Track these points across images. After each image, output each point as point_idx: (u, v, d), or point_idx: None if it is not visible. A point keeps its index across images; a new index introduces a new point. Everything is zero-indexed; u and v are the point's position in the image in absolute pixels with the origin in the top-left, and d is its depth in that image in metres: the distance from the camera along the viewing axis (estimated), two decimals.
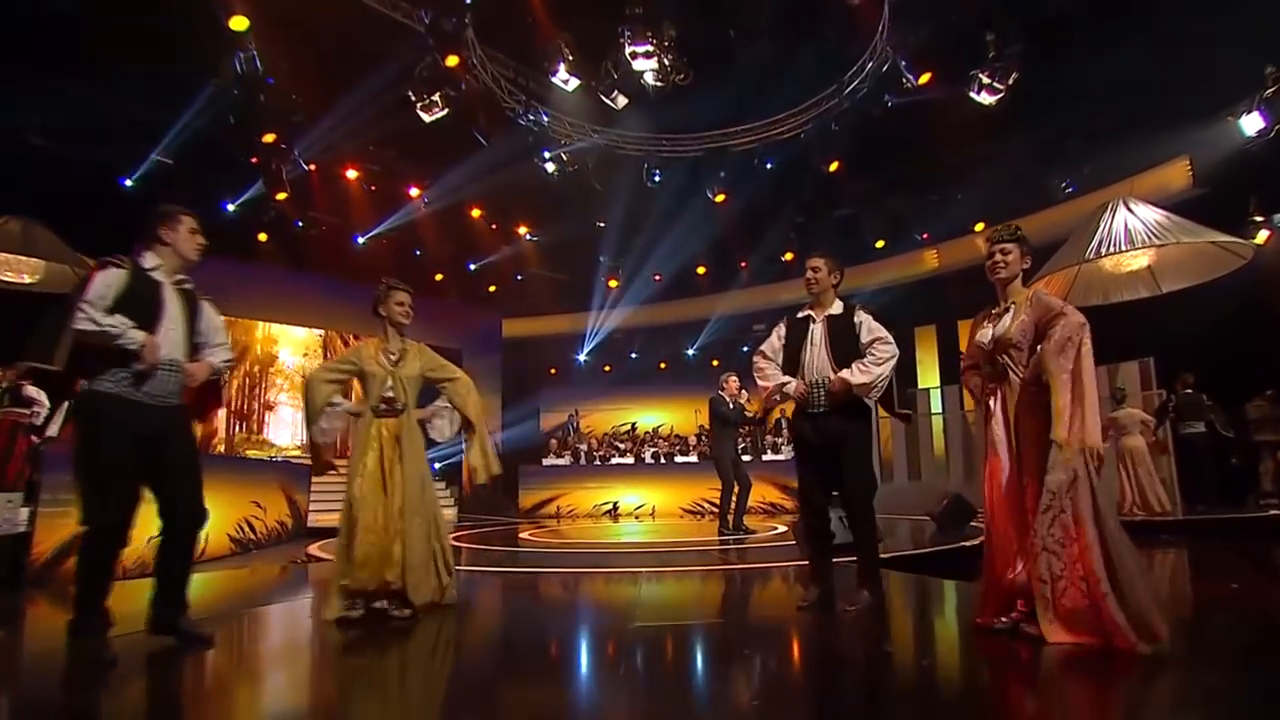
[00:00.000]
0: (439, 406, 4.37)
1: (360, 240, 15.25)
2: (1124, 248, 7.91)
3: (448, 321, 16.84)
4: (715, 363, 18.99)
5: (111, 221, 11.18)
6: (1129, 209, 8.00)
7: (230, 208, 12.92)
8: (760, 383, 3.80)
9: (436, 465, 16.89)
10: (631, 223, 14.97)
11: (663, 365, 19.41)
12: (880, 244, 15.23)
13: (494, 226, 15.86)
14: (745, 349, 18.08)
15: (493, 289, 17.80)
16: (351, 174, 13.35)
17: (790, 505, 13.36)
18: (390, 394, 4.13)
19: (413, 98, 11.40)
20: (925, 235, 14.93)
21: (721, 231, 15.13)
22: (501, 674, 3.11)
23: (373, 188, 13.80)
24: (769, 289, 16.34)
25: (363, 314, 14.48)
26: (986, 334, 3.11)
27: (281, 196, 11.76)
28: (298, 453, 16.36)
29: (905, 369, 16.91)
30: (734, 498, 8.42)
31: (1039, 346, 3.01)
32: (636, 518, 13.78)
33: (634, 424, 17.81)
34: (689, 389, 17.76)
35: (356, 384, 4.34)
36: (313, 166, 12.48)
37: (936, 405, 15.32)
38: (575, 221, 15.50)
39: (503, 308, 18.03)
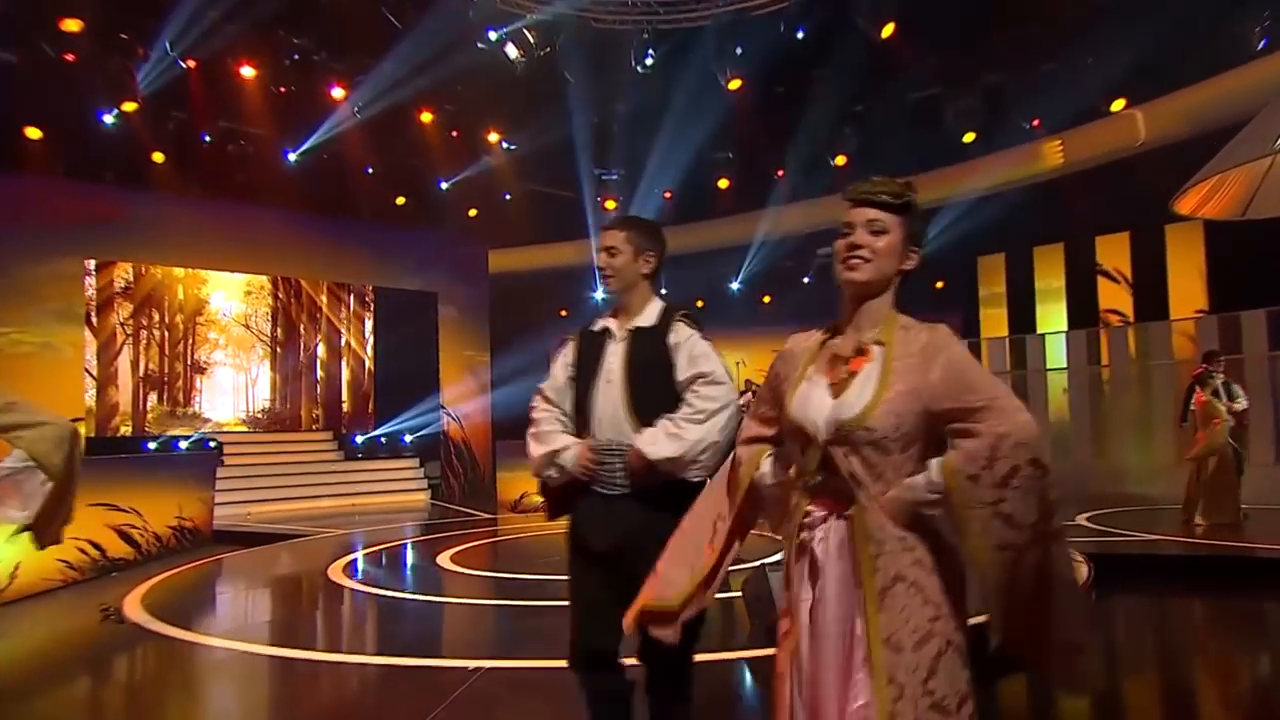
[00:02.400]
0: (13, 467, 3.08)
1: (292, 157, 13.88)
2: None
3: (417, 256, 15.65)
4: (767, 299, 17.49)
5: None
6: None
7: (108, 119, 11.65)
8: (530, 447, 2.77)
9: (407, 438, 15.79)
10: (633, 122, 13.14)
11: (700, 303, 17.82)
12: (969, 137, 13.04)
13: (454, 134, 14.20)
14: (807, 279, 16.38)
15: (474, 213, 16.46)
16: (248, 72, 11.81)
17: None
18: None
19: None
20: (1036, 122, 12.76)
21: (747, 130, 13.01)
22: None
23: (282, 89, 12.28)
24: (824, 204, 14.33)
25: (311, 252, 13.37)
26: (820, 405, 1.86)
27: (130, 108, 10.36)
28: (244, 429, 15.52)
29: (1020, 304, 14.84)
30: None
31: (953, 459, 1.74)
32: None
33: None
34: (733, 331, 17.08)
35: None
36: (191, 64, 10.99)
37: (1058, 356, 13.16)
38: (566, 123, 13.67)
39: (489, 236, 16.71)
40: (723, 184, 15.44)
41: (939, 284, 16.52)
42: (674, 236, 11.71)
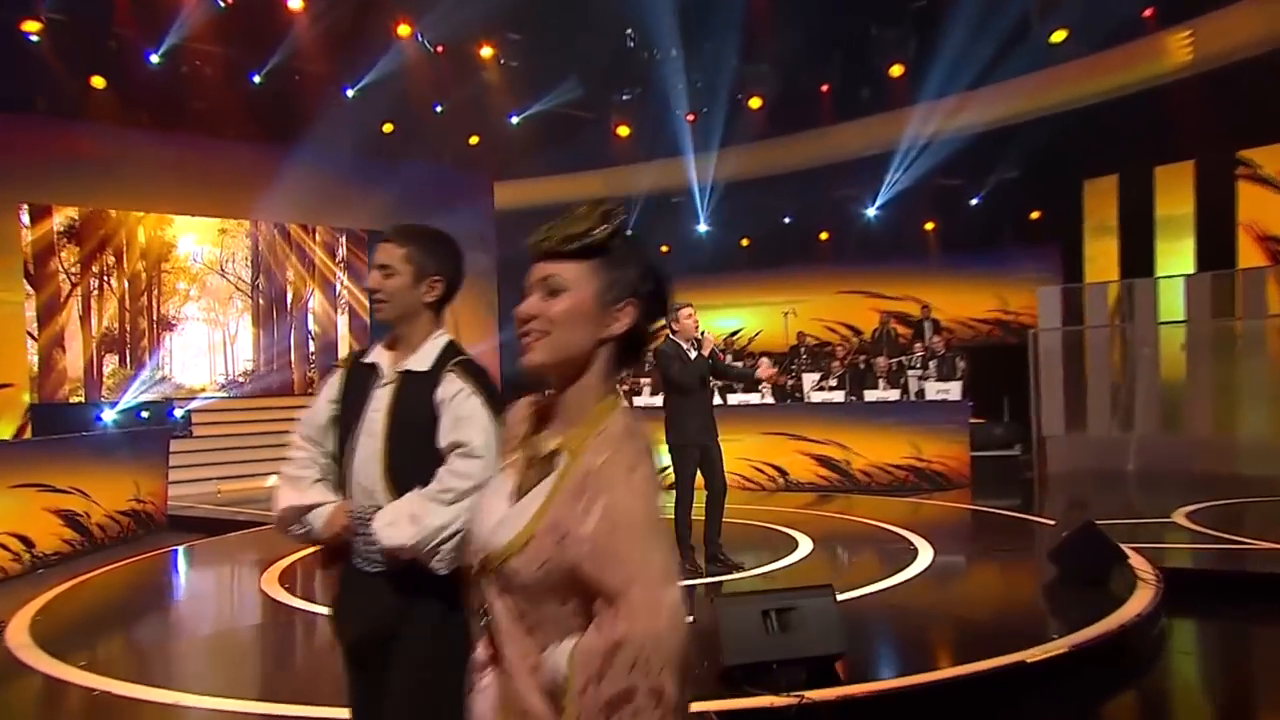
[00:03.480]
0: None
1: (257, 79, 13.60)
2: None
3: (411, 193, 15.27)
4: (824, 235, 16.82)
5: None
6: None
7: (34, 37, 11.48)
8: (279, 492, 2.63)
9: None
10: (648, 30, 12.54)
11: (745, 242, 17.94)
12: (1059, 35, 12.09)
13: (438, 50, 13.70)
14: (873, 209, 15.64)
15: (475, 140, 16.08)
16: None
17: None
18: None
19: None
20: (1149, 11, 11.71)
21: (785, 39, 12.36)
22: None
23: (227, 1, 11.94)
24: (882, 122, 13.54)
25: (283, 190, 13.00)
26: (485, 517, 1.65)
27: (34, 28, 10.12)
28: (222, 395, 15.52)
29: (1135, 237, 13.88)
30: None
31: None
32: None
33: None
34: (785, 274, 16.99)
35: None
36: None
37: (1176, 306, 12.17)
38: (570, 34, 13.11)
39: (494, 166, 16.34)
40: (755, 103, 14.75)
41: (1034, 214, 15.62)
42: (729, 161, 11.44)
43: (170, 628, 6.70)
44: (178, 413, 13.67)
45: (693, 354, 6.71)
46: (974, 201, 15.76)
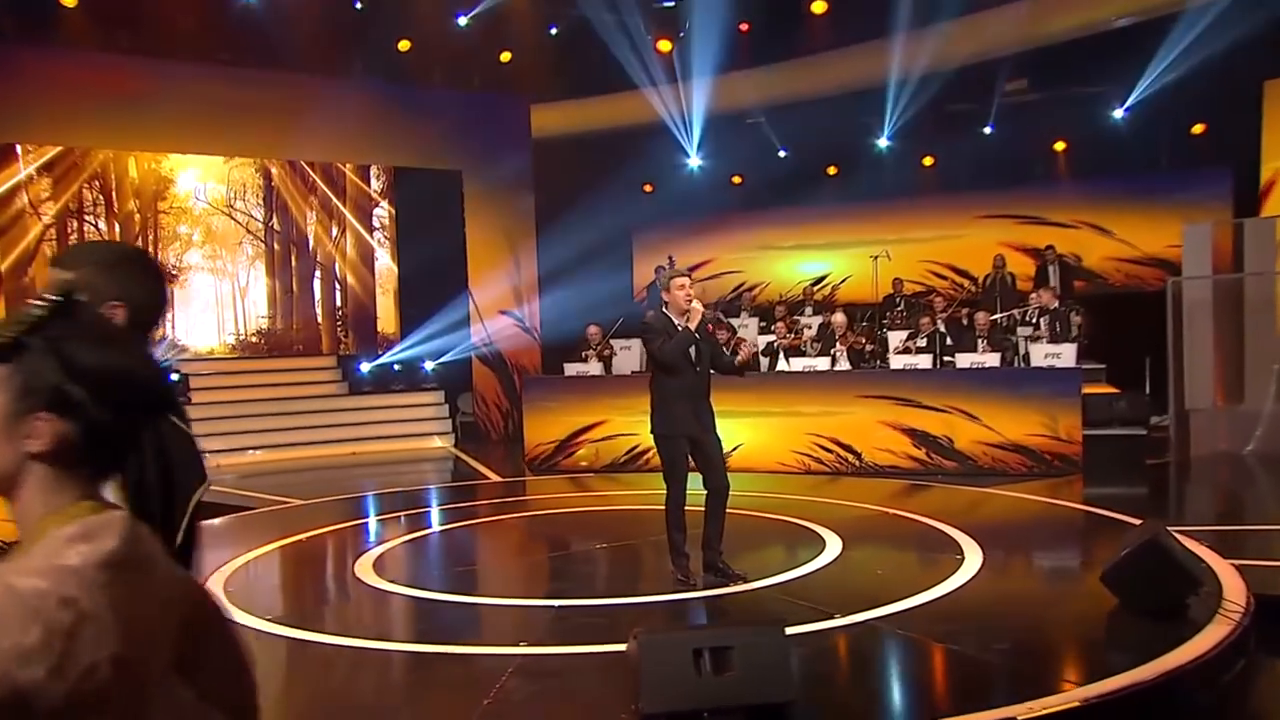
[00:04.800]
0: None
1: None
2: None
3: (433, 119, 15.28)
4: (928, 161, 16.21)
5: None
6: None
7: None
8: None
9: (428, 366, 15.84)
10: None
11: (832, 170, 17.38)
12: None
13: None
14: (989, 129, 14.94)
15: (507, 57, 15.84)
16: None
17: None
18: None
19: None
20: None
21: None
22: None
23: None
24: (983, 20, 12.76)
25: (283, 122, 12.95)
26: None
27: None
28: (234, 357, 15.84)
29: None
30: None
31: None
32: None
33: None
34: (880, 211, 16.53)
35: None
36: None
37: None
38: None
39: (530, 87, 16.12)
40: (818, 7, 14.17)
41: (1196, 128, 14.55)
42: (762, 83, 11.12)
43: None
44: (174, 376, 14.01)
45: (679, 329, 6.53)
46: (1119, 114, 14.80)
